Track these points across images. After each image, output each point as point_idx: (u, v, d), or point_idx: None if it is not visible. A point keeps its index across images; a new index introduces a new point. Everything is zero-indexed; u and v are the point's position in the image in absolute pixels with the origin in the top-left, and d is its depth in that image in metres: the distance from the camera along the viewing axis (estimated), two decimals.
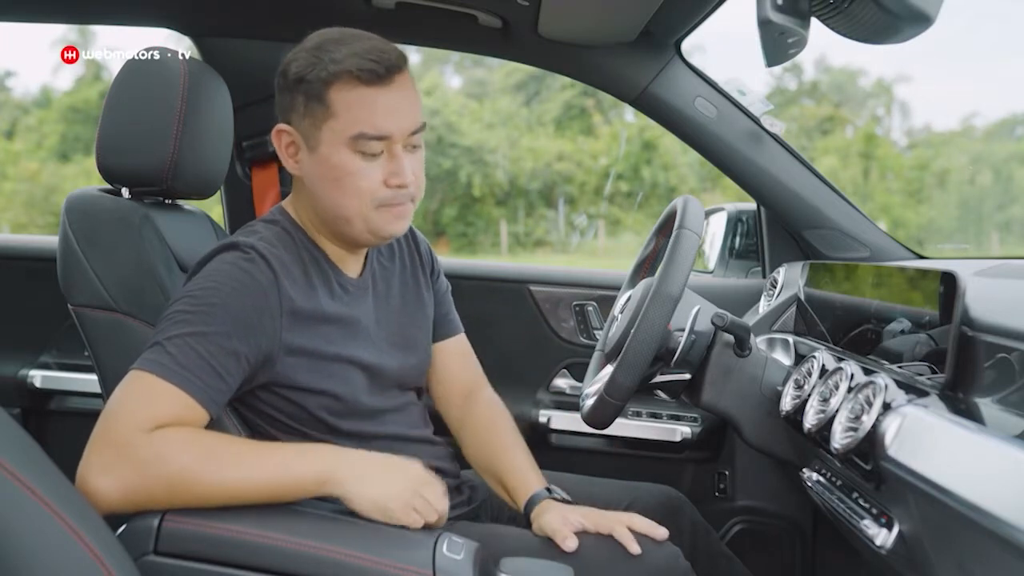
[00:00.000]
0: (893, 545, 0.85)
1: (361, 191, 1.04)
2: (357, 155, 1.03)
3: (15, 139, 17.72)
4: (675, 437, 1.75)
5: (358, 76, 1.00)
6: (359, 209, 1.05)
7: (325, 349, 1.06)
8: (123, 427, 0.88)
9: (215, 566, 0.87)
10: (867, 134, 18.26)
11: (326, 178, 1.05)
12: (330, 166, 1.04)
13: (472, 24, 1.50)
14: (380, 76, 1.01)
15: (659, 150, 16.94)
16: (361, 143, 1.02)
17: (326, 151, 1.03)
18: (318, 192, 1.07)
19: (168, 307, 0.99)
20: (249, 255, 1.02)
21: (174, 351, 0.93)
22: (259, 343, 0.99)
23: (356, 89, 1.01)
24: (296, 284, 1.04)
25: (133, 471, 0.86)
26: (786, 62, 0.95)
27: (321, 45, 1.03)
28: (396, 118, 1.03)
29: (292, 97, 1.05)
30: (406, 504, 0.94)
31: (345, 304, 1.11)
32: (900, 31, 0.83)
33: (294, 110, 1.05)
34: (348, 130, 1.01)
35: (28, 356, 1.96)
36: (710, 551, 1.29)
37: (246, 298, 0.99)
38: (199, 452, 0.89)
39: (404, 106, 1.04)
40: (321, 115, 1.02)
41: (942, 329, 0.96)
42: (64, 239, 1.16)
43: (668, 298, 1.11)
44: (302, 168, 1.07)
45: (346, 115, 1.01)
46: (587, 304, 1.86)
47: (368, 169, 1.03)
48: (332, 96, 1.01)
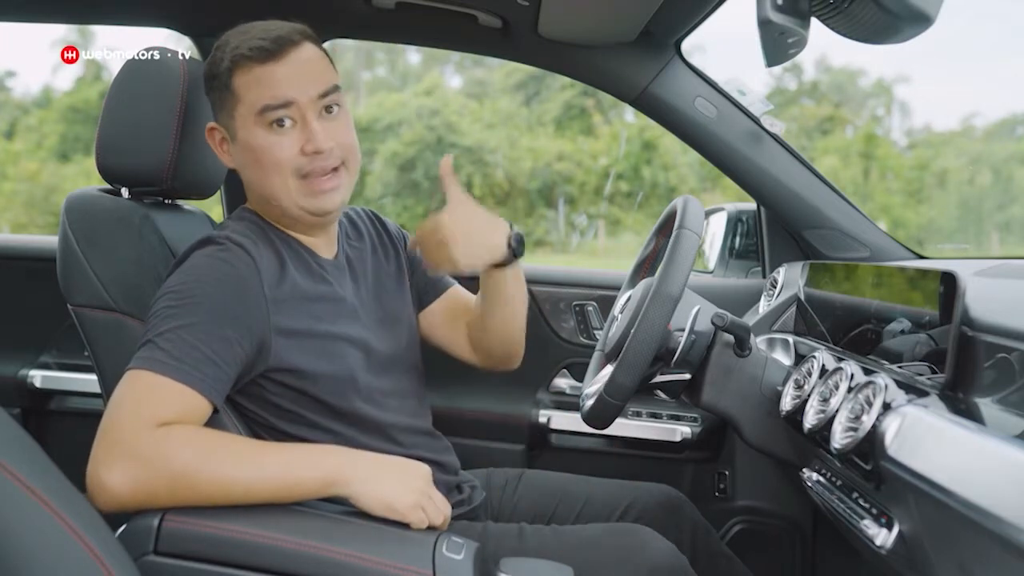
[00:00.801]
0: (893, 545, 0.85)
1: (279, 164, 1.06)
2: (268, 130, 1.05)
3: (15, 139, 17.72)
4: (675, 437, 1.75)
5: (251, 56, 1.04)
6: (282, 184, 1.07)
7: (316, 327, 1.07)
8: (127, 425, 0.89)
9: (215, 566, 0.87)
10: (867, 134, 18.27)
11: (249, 162, 1.08)
12: (249, 149, 1.07)
13: (472, 24, 1.50)
14: (271, 52, 1.04)
15: (659, 150, 16.94)
16: (268, 115, 1.04)
17: (243, 135, 1.07)
18: (250, 180, 1.11)
19: (153, 305, 1.00)
20: (224, 245, 1.04)
21: (166, 346, 0.93)
22: (249, 328, 1.00)
23: (252, 70, 1.05)
24: (274, 266, 1.06)
25: (139, 468, 0.86)
26: (786, 62, 0.95)
27: (225, 40, 1.08)
28: (295, 84, 1.05)
29: (212, 95, 1.10)
30: (414, 504, 0.94)
31: (327, 284, 1.12)
32: (900, 31, 0.83)
33: (215, 106, 1.10)
34: (252, 107, 1.05)
35: (28, 356, 1.97)
36: (710, 551, 1.30)
37: (228, 285, 1.00)
38: (203, 450, 0.89)
39: (303, 72, 1.05)
40: (231, 103, 1.07)
41: (942, 329, 0.96)
42: (64, 239, 1.16)
43: (668, 298, 1.11)
44: (234, 160, 1.12)
45: (248, 95, 1.05)
46: (587, 304, 1.86)
47: (281, 141, 1.05)
48: (236, 82, 1.06)
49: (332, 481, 0.93)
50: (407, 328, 1.25)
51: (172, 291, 0.99)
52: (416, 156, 17.70)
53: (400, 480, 0.95)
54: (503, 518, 1.30)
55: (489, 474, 1.38)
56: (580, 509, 1.30)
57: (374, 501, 0.93)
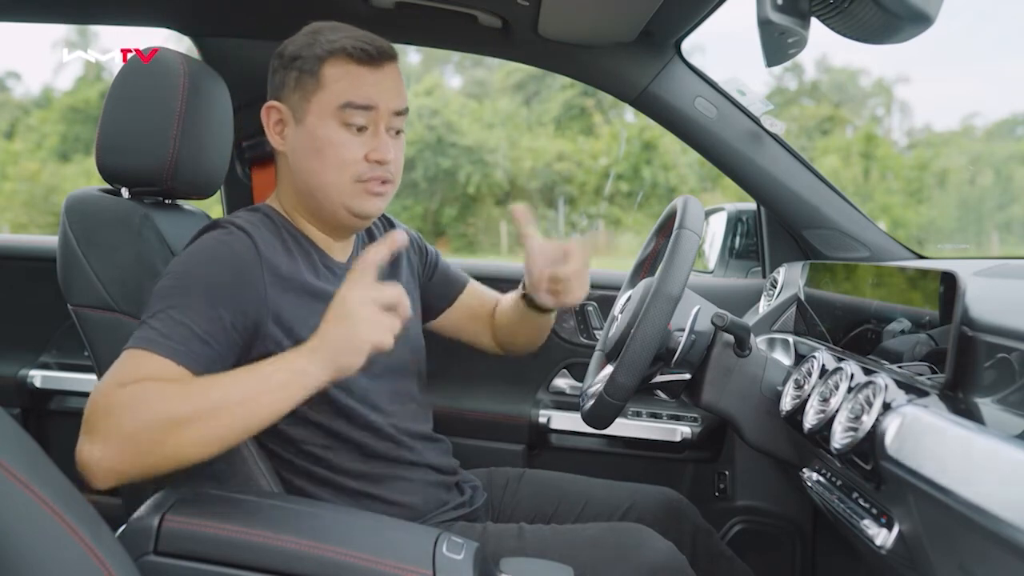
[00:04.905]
0: (893, 545, 0.85)
1: (343, 163, 1.07)
2: (342, 127, 1.07)
3: (15, 139, 17.72)
4: (675, 437, 1.75)
5: (350, 54, 1.06)
6: (337, 182, 1.08)
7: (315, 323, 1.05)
8: (98, 392, 0.86)
9: (215, 566, 0.87)
10: (867, 134, 18.26)
11: (309, 149, 1.08)
12: (315, 137, 1.07)
13: (472, 24, 1.50)
14: (372, 57, 1.07)
15: (659, 150, 16.94)
16: (348, 112, 1.06)
17: (313, 122, 1.07)
18: (300, 166, 1.10)
19: (153, 287, 1.00)
20: (228, 229, 1.05)
21: (157, 325, 0.93)
22: (244, 308, 0.99)
23: (347, 65, 1.07)
24: (277, 255, 1.06)
25: (113, 424, 0.83)
26: (786, 62, 0.95)
27: (318, 30, 1.10)
28: (383, 92, 1.07)
29: (285, 75, 1.10)
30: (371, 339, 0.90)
31: (332, 284, 1.12)
32: (900, 31, 0.83)
33: (285, 86, 1.10)
34: (336, 100, 1.06)
35: (28, 356, 1.97)
36: (710, 551, 1.30)
37: (224, 265, 1.00)
38: (172, 392, 0.86)
39: (391, 86, 1.09)
40: (311, 88, 1.07)
41: (942, 329, 0.96)
42: (64, 239, 1.16)
43: (668, 298, 1.11)
44: (287, 143, 1.11)
45: (335, 86, 1.06)
46: (587, 304, 1.86)
47: (351, 142, 1.07)
48: (324, 71, 1.07)
49: (306, 383, 0.90)
50: (413, 335, 1.25)
51: (171, 273, 1.00)
52: (416, 156, 17.70)
53: (349, 332, 0.90)
54: (503, 518, 1.30)
55: (490, 474, 1.38)
56: (581, 510, 1.31)
57: (347, 367, 0.90)
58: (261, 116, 1.12)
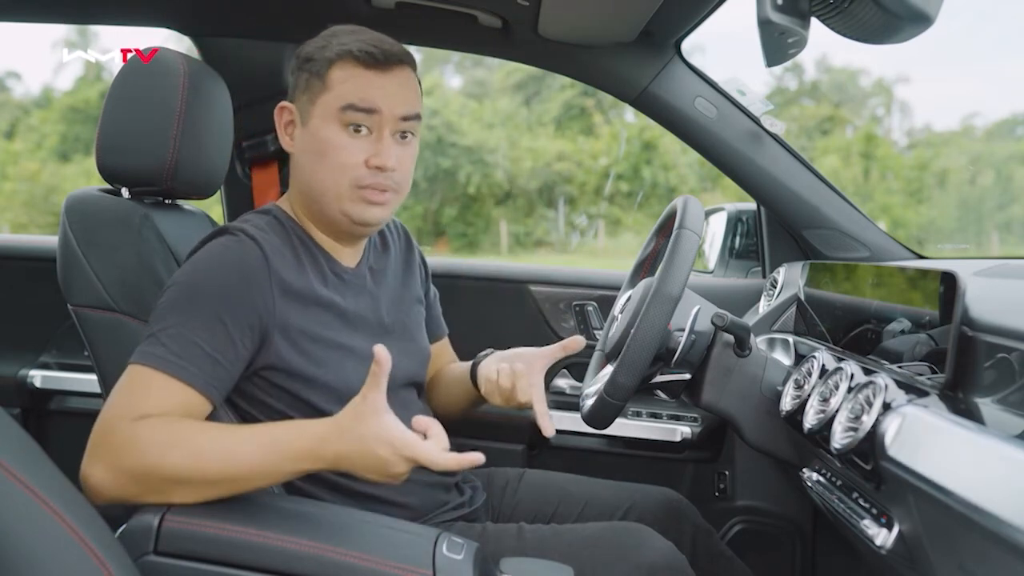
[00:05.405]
0: (893, 545, 0.85)
1: (342, 167, 1.06)
2: (344, 130, 1.06)
3: (15, 139, 17.71)
4: (675, 437, 1.75)
5: (357, 57, 1.06)
6: (335, 186, 1.07)
7: (320, 333, 1.07)
8: (110, 417, 0.89)
9: (215, 566, 0.87)
10: (867, 134, 18.25)
11: (311, 151, 1.08)
12: (318, 139, 1.07)
13: (472, 24, 1.50)
14: (378, 61, 1.06)
15: (659, 150, 16.92)
16: (349, 114, 1.05)
17: (316, 123, 1.07)
18: (303, 167, 1.10)
19: (160, 296, 1.00)
20: (237, 236, 1.04)
21: (167, 341, 0.93)
22: (250, 321, 0.99)
23: (354, 69, 1.06)
24: (286, 264, 1.06)
25: (114, 458, 0.87)
26: (786, 62, 0.95)
27: (335, 33, 1.10)
28: (386, 96, 1.06)
29: (298, 76, 1.10)
30: (386, 475, 0.90)
31: (340, 292, 1.11)
32: (900, 31, 0.83)
33: (297, 87, 1.10)
34: (338, 101, 1.05)
35: (28, 356, 1.96)
36: (710, 551, 1.29)
37: (233, 276, 1.00)
38: (173, 439, 0.87)
39: (397, 90, 1.07)
40: (317, 89, 1.07)
41: (942, 329, 0.96)
42: (64, 239, 1.16)
43: (668, 298, 1.11)
44: (295, 144, 1.11)
45: (339, 88, 1.06)
46: (587, 304, 1.85)
47: (352, 145, 1.06)
48: (331, 74, 1.06)
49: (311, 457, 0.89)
50: (419, 348, 1.25)
51: (179, 283, 1.00)
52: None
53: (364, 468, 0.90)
54: (503, 518, 1.30)
55: (490, 474, 1.38)
56: (580, 510, 1.30)
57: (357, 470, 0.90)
58: (274, 116, 1.13)
